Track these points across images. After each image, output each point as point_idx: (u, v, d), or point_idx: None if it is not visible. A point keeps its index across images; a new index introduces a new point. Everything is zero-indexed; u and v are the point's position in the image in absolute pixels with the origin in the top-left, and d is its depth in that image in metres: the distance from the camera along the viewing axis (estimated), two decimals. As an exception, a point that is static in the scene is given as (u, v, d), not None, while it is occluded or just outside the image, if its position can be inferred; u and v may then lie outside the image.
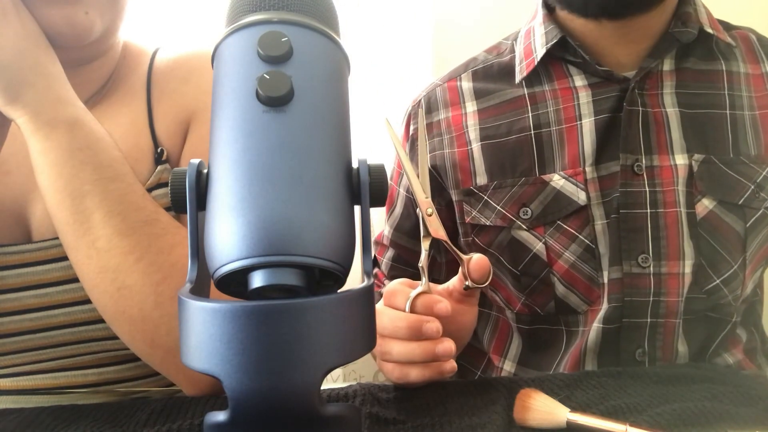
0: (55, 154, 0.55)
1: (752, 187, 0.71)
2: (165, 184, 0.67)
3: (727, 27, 0.78)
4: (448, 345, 0.54)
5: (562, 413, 0.46)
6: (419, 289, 0.57)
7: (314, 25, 0.37)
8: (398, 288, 0.58)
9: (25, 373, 0.68)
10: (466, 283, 0.58)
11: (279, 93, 0.34)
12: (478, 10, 1.39)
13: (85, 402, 0.56)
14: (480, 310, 0.84)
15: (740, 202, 0.71)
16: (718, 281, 0.71)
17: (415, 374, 0.56)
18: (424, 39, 1.40)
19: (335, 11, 0.41)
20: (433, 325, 0.54)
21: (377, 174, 0.36)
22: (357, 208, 0.37)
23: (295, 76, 0.34)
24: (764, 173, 0.72)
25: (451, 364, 0.56)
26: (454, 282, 0.59)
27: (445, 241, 0.58)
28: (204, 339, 0.31)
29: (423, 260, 0.58)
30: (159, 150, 0.67)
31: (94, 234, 0.55)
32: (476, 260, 0.57)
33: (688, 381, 0.55)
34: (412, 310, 0.56)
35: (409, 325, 0.55)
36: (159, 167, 0.67)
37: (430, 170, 0.81)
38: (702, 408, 0.47)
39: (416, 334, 0.55)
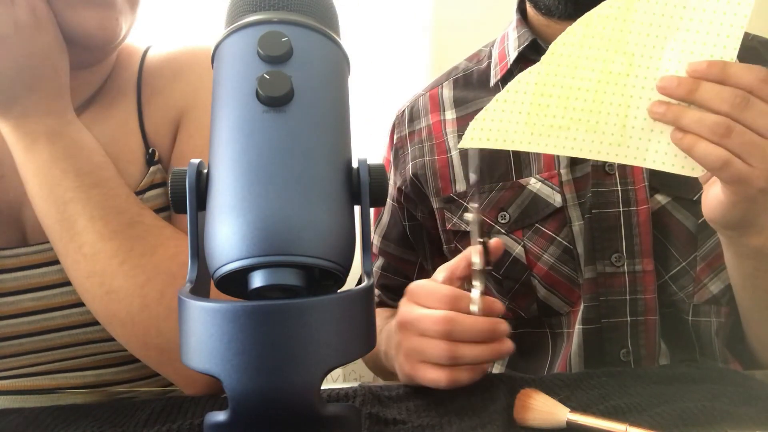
0: (36, 165, 0.56)
1: None
2: (158, 185, 0.67)
3: None
4: (510, 344, 0.57)
5: (562, 413, 0.46)
6: (479, 291, 0.58)
7: (314, 25, 0.37)
8: (458, 293, 0.58)
9: (23, 375, 0.68)
10: (488, 267, 0.59)
11: (279, 93, 0.34)
12: (478, 11, 1.39)
13: (85, 402, 0.56)
14: None
15: (695, 198, 0.71)
16: (666, 277, 0.72)
17: (465, 376, 0.56)
18: (424, 39, 1.40)
19: (335, 11, 0.41)
20: (504, 326, 0.57)
21: (377, 174, 0.36)
22: (357, 208, 0.37)
23: (295, 76, 0.34)
24: None
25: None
26: (461, 267, 0.60)
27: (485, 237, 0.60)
28: (204, 339, 0.31)
29: (479, 264, 0.58)
30: (150, 151, 0.67)
31: (79, 240, 0.56)
32: (495, 241, 0.60)
33: (688, 381, 0.55)
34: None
35: (488, 328, 0.56)
36: (152, 168, 0.67)
37: (411, 179, 0.82)
38: (702, 408, 0.47)
39: (491, 336, 0.56)
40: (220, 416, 0.32)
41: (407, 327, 0.58)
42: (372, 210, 0.55)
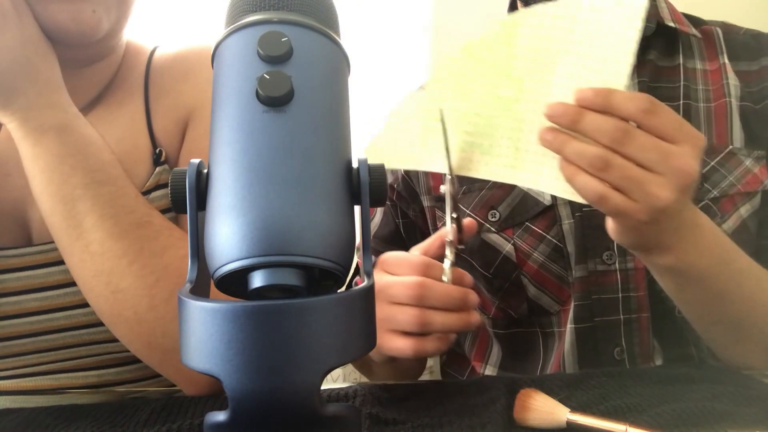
0: (44, 160, 0.55)
1: None
2: (164, 185, 0.66)
3: (696, 22, 0.78)
4: (477, 317, 0.57)
5: (562, 413, 0.46)
6: (450, 262, 0.58)
7: (314, 25, 0.37)
8: (430, 261, 0.58)
9: (25, 375, 0.68)
10: (461, 246, 0.59)
11: (279, 93, 0.34)
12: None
13: (86, 402, 0.56)
14: None
15: None
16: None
17: (432, 346, 0.57)
18: (424, 39, 1.40)
19: (335, 11, 0.41)
20: (474, 297, 0.57)
21: (377, 174, 0.36)
22: (357, 208, 0.37)
23: (295, 76, 0.35)
24: (712, 163, 0.71)
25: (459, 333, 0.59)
26: (435, 246, 0.61)
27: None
28: (204, 339, 0.31)
29: (451, 234, 0.58)
30: (158, 151, 0.67)
31: (87, 238, 0.55)
32: (468, 220, 0.60)
33: (688, 381, 0.55)
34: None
35: (459, 296, 0.56)
36: (158, 168, 0.66)
37: (404, 176, 0.82)
38: (702, 408, 0.47)
39: (462, 305, 0.56)
40: (220, 416, 0.32)
41: (377, 296, 0.58)
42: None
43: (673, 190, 0.49)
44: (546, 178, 0.55)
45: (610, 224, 0.56)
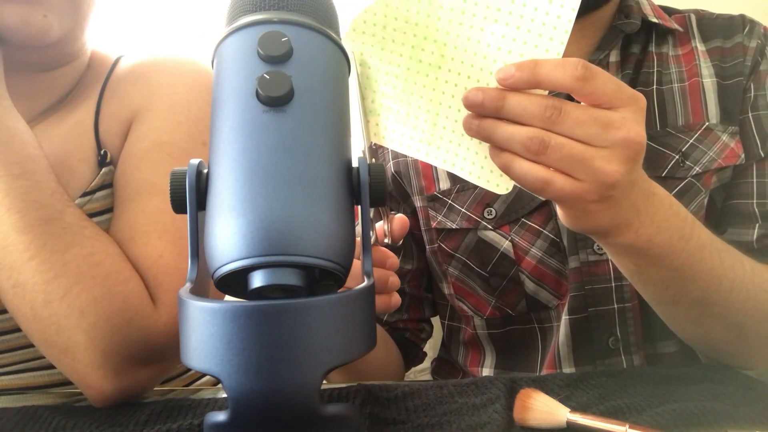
0: None
1: (676, 157, 0.71)
2: (108, 186, 0.67)
3: (669, 12, 0.79)
4: (398, 299, 0.56)
5: (562, 413, 0.46)
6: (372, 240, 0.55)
7: (314, 25, 0.37)
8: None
9: None
10: (386, 240, 0.56)
11: (279, 93, 0.34)
12: None
13: (86, 402, 0.56)
14: (449, 324, 0.84)
15: (663, 175, 0.70)
16: None
17: None
18: None
19: (335, 11, 0.41)
20: (396, 280, 0.55)
21: (377, 173, 0.36)
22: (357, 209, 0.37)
23: (295, 76, 0.35)
24: (691, 141, 0.71)
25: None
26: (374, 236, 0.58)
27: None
28: (204, 339, 0.31)
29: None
30: (102, 152, 0.67)
31: None
32: (399, 217, 0.56)
33: (688, 381, 0.55)
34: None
35: (379, 278, 0.54)
36: (104, 170, 0.67)
37: (393, 176, 0.81)
38: (702, 408, 0.47)
39: (381, 288, 0.55)
40: (220, 416, 0.32)
41: None
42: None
43: (621, 162, 0.45)
44: (460, 160, 0.50)
45: (560, 211, 0.51)
